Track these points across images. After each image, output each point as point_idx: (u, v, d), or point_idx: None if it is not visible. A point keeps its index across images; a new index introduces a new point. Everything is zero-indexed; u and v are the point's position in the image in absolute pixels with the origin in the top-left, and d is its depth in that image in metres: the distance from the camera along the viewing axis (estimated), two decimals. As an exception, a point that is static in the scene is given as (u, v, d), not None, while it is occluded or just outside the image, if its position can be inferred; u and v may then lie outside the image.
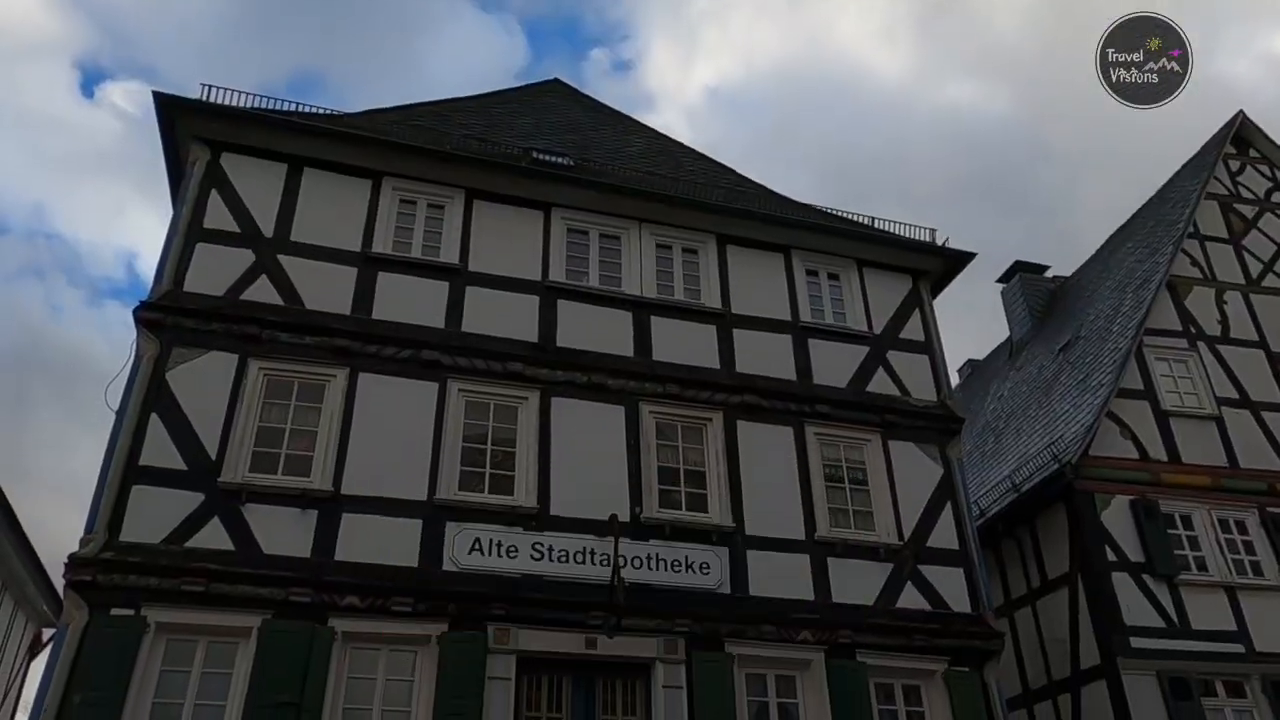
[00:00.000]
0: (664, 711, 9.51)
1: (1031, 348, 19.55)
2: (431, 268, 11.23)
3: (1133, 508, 13.32)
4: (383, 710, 8.92)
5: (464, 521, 9.86)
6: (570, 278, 11.77)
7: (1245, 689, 12.56)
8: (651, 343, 11.62)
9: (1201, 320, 15.53)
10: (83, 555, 8.64)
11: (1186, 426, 14.36)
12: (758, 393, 11.60)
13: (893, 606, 10.81)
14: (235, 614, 8.81)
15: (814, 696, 10.09)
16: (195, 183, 10.83)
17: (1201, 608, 12.86)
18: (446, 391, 10.50)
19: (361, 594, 9.16)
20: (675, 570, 10.25)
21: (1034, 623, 13.97)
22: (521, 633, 9.46)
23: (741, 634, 10.09)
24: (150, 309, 9.95)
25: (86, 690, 8.13)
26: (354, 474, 9.77)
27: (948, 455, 12.10)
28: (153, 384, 9.63)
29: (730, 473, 11.03)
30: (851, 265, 13.19)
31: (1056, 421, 15.30)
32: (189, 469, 9.35)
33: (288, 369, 10.15)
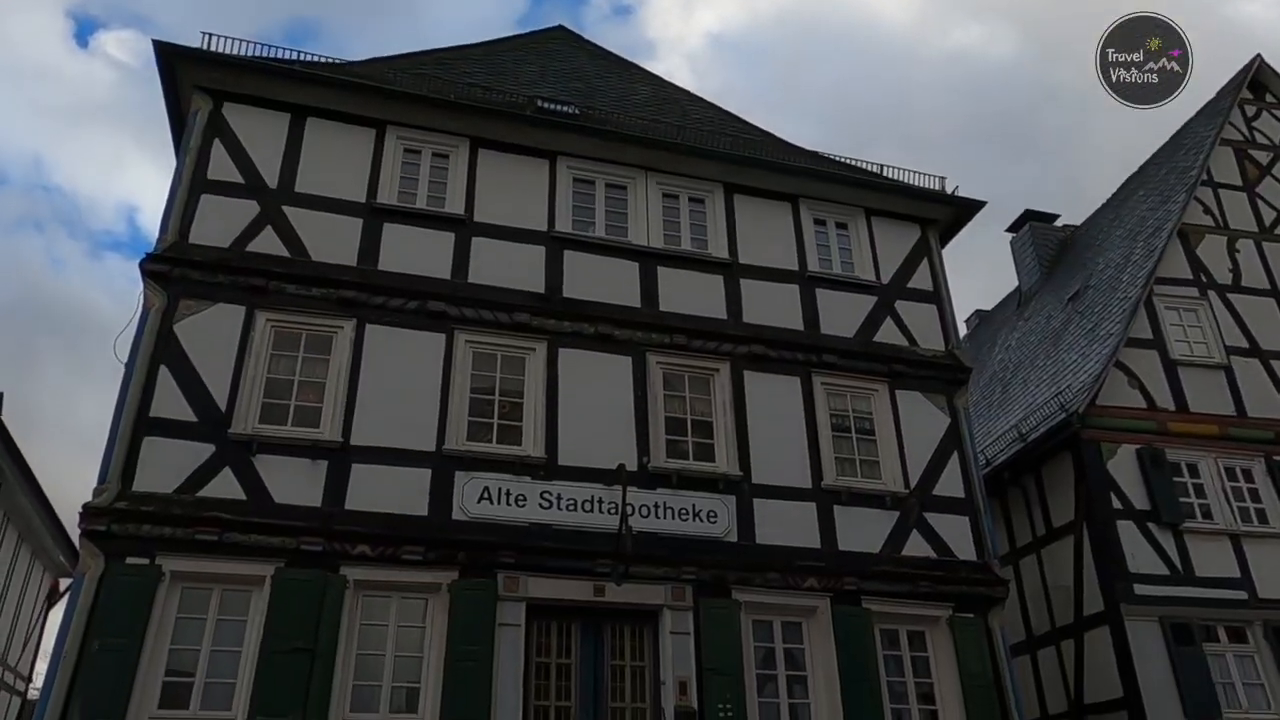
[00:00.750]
0: (671, 657, 9.65)
1: (1040, 298, 19.45)
2: (437, 218, 11.18)
3: (1139, 457, 13.35)
4: (395, 656, 9.08)
5: (472, 471, 9.93)
6: (576, 228, 11.70)
7: (1247, 635, 12.69)
8: (658, 293, 11.59)
9: (1213, 269, 15.40)
10: (97, 505, 8.75)
11: (1195, 375, 14.33)
12: (765, 343, 11.58)
13: (898, 554, 10.91)
14: (248, 563, 8.93)
15: (819, 642, 10.23)
16: (198, 133, 10.75)
17: (1205, 555, 12.95)
18: (453, 343, 10.51)
19: (372, 543, 9.27)
20: (682, 518, 10.33)
21: (1038, 570, 14.10)
22: (531, 580, 9.59)
23: (748, 581, 10.20)
24: (156, 261, 9.94)
25: (104, 637, 8.29)
26: (363, 425, 9.83)
27: (955, 405, 12.10)
28: (161, 336, 9.66)
29: (737, 422, 11.06)
30: (860, 214, 13.08)
31: (1064, 371, 15.27)
32: (199, 420, 9.41)
33: (295, 321, 10.16)
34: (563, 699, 9.49)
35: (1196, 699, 11.89)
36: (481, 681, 8.95)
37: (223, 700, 8.47)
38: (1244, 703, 12.21)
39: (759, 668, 10.02)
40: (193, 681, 8.50)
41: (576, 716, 9.39)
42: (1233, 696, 12.22)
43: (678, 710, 9.36)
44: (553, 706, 9.44)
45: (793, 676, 10.13)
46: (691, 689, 9.52)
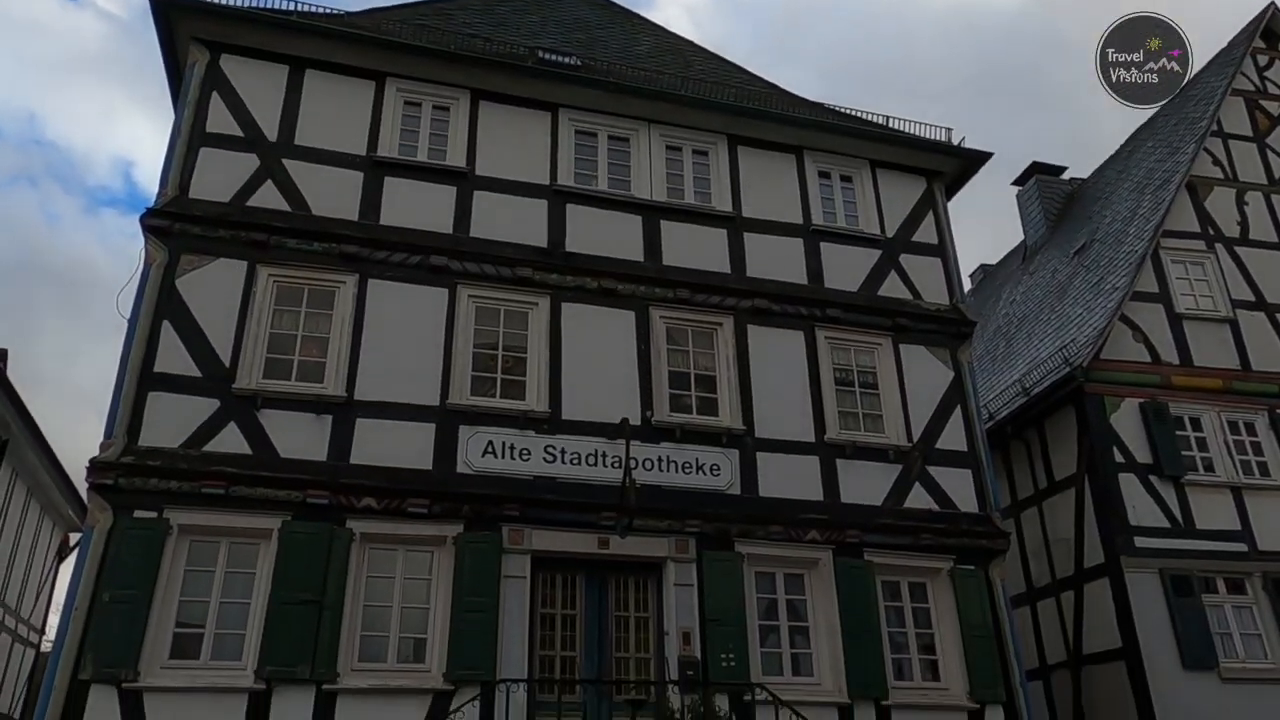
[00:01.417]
0: (674, 608, 9.76)
1: (1046, 252, 19.34)
2: (438, 172, 11.08)
3: (1142, 410, 13.36)
4: (402, 608, 9.19)
5: (476, 425, 9.96)
6: (579, 181, 11.61)
7: (1246, 586, 12.80)
8: (661, 247, 11.52)
9: (1220, 221, 15.28)
10: (104, 459, 8.80)
11: (1200, 329, 14.29)
12: (768, 297, 11.54)
13: (900, 507, 10.97)
14: (255, 516, 9.00)
15: (822, 594, 10.33)
16: (195, 85, 10.64)
17: (1206, 508, 13.02)
18: (456, 297, 10.49)
19: (378, 496, 9.33)
20: (686, 472, 10.38)
21: (1039, 523, 14.18)
22: (535, 533, 9.66)
23: (751, 533, 10.28)
24: (156, 215, 9.90)
25: (114, 589, 8.39)
26: (366, 380, 9.84)
27: (958, 359, 12.09)
28: (163, 292, 9.65)
29: (741, 377, 11.07)
30: (865, 166, 12.96)
31: (1069, 325, 15.23)
32: (203, 375, 9.43)
33: (297, 275, 10.13)
34: (567, 649, 9.62)
35: (1194, 649, 12.03)
36: (487, 632, 9.06)
37: (232, 651, 8.59)
38: (1241, 652, 12.35)
39: (761, 619, 10.13)
40: (203, 633, 8.61)
41: (581, 666, 9.52)
42: (1230, 647, 12.35)
43: (681, 660, 9.49)
44: (558, 657, 9.57)
45: (795, 627, 10.25)
46: (694, 639, 9.63)
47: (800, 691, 9.51)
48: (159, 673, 8.30)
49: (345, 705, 8.55)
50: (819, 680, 9.96)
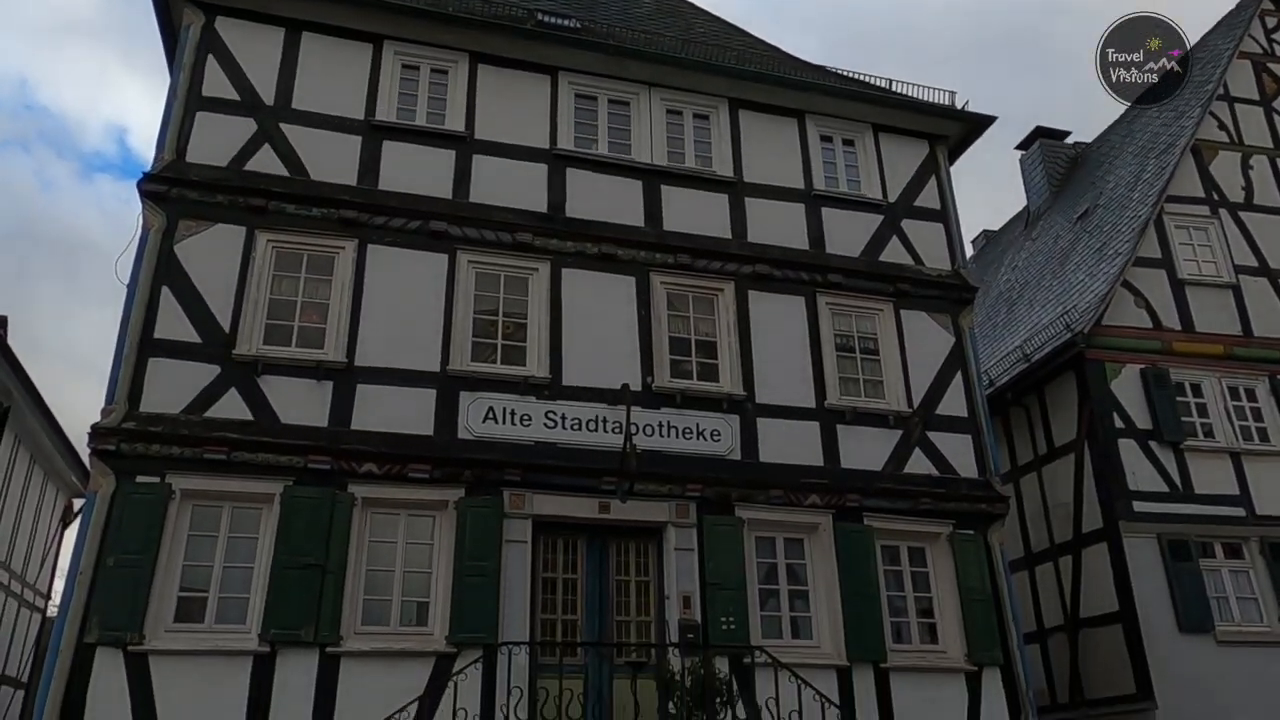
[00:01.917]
0: (675, 572, 9.82)
1: (1049, 217, 19.24)
2: (437, 136, 10.99)
3: (1143, 376, 13.37)
4: (404, 572, 9.25)
5: (477, 391, 9.97)
6: (579, 145, 11.51)
7: (1244, 550, 12.89)
8: (662, 212, 11.46)
9: (1225, 186, 15.19)
10: (105, 425, 8.82)
11: (1202, 295, 14.26)
12: (769, 263, 11.49)
13: (900, 472, 11.00)
14: (257, 481, 9.04)
15: (821, 558, 10.39)
16: (190, 49, 10.52)
17: (1205, 473, 13.07)
18: (456, 263, 10.44)
19: (379, 461, 9.36)
20: (686, 437, 10.40)
21: (1039, 488, 14.24)
22: (536, 498, 9.70)
23: (751, 498, 10.32)
24: (153, 180, 9.83)
25: (118, 553, 8.44)
26: (367, 345, 9.83)
27: (959, 325, 12.06)
28: (161, 257, 9.61)
29: (741, 342, 11.05)
30: (867, 130, 12.85)
31: (1071, 291, 15.19)
32: (203, 341, 9.42)
33: (296, 241, 10.09)
34: (569, 613, 9.69)
35: (1190, 612, 12.13)
36: (489, 596, 9.12)
37: (236, 615, 8.66)
38: (1237, 616, 12.47)
39: (761, 583, 10.19)
40: (206, 597, 8.68)
41: (583, 630, 9.60)
42: (1226, 610, 12.47)
43: (681, 624, 9.57)
44: (559, 620, 9.64)
45: (794, 591, 10.32)
46: (695, 603, 9.70)
47: (799, 654, 9.59)
48: (163, 636, 8.37)
49: (349, 667, 8.63)
50: (818, 643, 10.05)
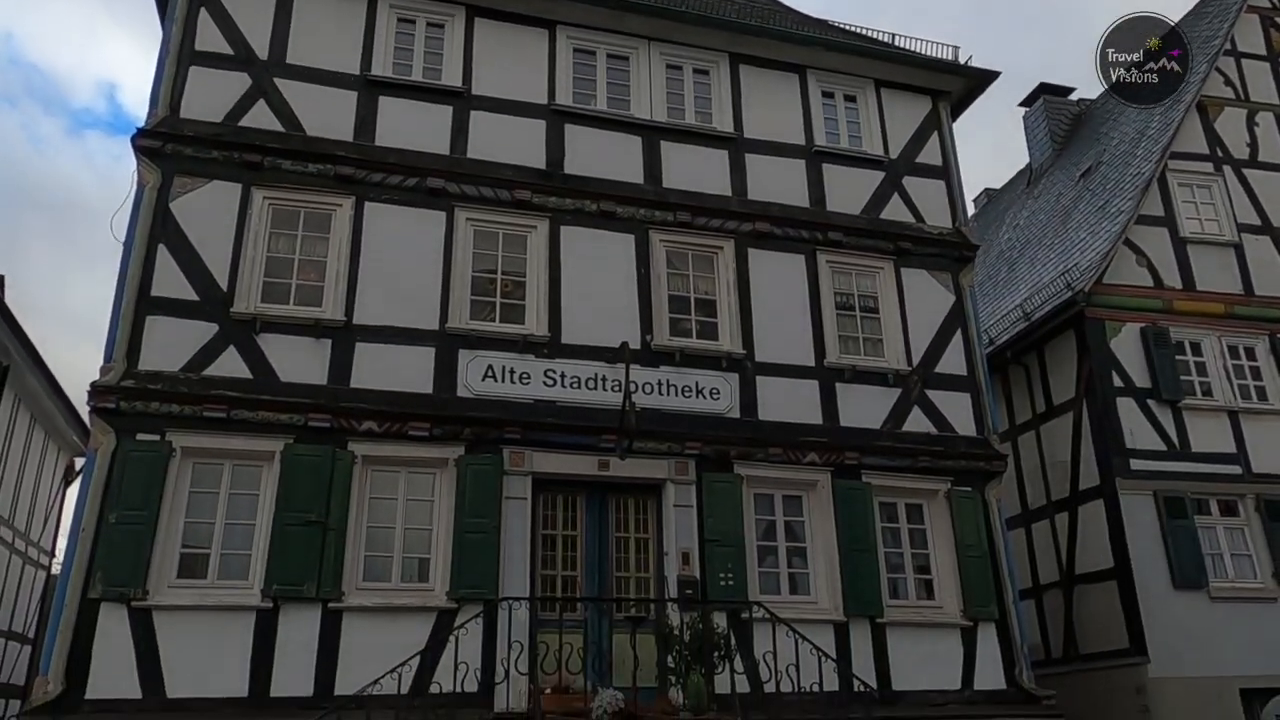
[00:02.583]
0: (674, 529, 9.88)
1: (1051, 174, 19.10)
2: (434, 91, 10.86)
3: (1143, 335, 13.36)
4: (405, 529, 9.30)
5: (476, 349, 9.96)
6: (578, 101, 11.38)
7: (1239, 508, 12.96)
8: (661, 169, 11.36)
9: (1229, 143, 15.05)
10: (105, 383, 8.82)
11: (1204, 253, 14.20)
12: (770, 220, 11.42)
13: (899, 429, 11.03)
14: (257, 439, 9.06)
15: (819, 515, 10.45)
16: (183, 1, 10.34)
17: (1203, 431, 13.12)
18: (454, 220, 10.38)
19: (379, 419, 9.37)
20: (686, 395, 10.41)
21: (1037, 447, 14.28)
22: (536, 455, 9.73)
23: (750, 456, 10.36)
24: (147, 136, 9.73)
25: (120, 510, 8.49)
26: (365, 304, 9.80)
27: (960, 283, 12.02)
28: (157, 214, 9.55)
29: (741, 301, 11.02)
30: (869, 86, 12.70)
31: (1072, 250, 15.11)
32: (201, 299, 9.39)
33: (292, 198, 10.02)
34: (569, 569, 9.78)
35: (1184, 569, 12.23)
36: (489, 553, 9.19)
37: (239, 571, 8.73)
38: (1230, 572, 12.59)
39: (760, 539, 10.27)
40: (209, 553, 8.74)
41: (582, 585, 9.68)
42: (1220, 567, 12.58)
43: (680, 580, 9.65)
44: (559, 576, 9.73)
45: (793, 548, 10.39)
46: (694, 559, 9.78)
47: (797, 610, 9.68)
48: (167, 592, 8.44)
49: (351, 623, 8.72)
50: (816, 599, 10.15)
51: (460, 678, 7.92)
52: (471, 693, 8.24)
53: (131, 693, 8.08)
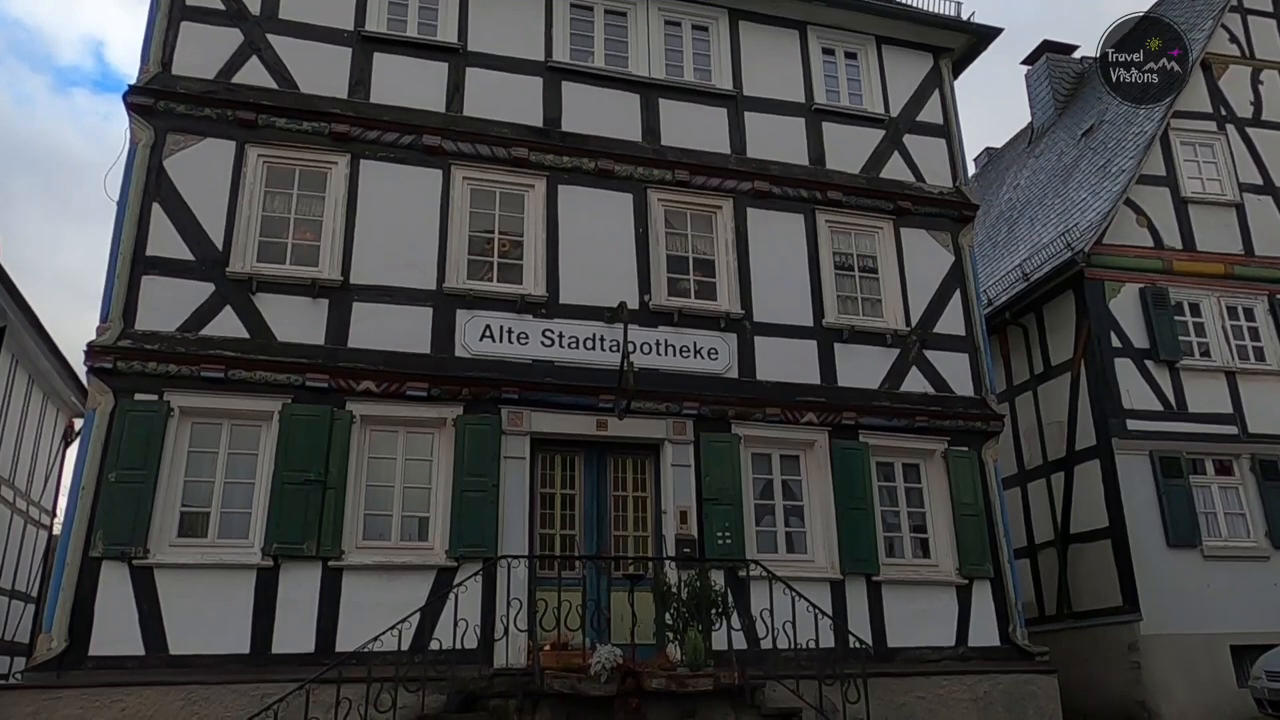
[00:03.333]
0: (672, 488, 9.93)
1: (1053, 134, 18.93)
2: (429, 48, 10.71)
3: (1142, 296, 13.34)
4: (404, 488, 9.34)
5: (474, 309, 9.93)
6: (574, 58, 11.23)
7: (1234, 467, 13.04)
8: (660, 127, 11.24)
9: (1233, 101, 14.92)
10: (101, 343, 8.80)
11: (1205, 213, 14.14)
12: (769, 179, 11.33)
13: (897, 390, 11.04)
14: (255, 398, 9.06)
15: (817, 474, 10.50)
16: (172, -46, 10.15)
17: (1200, 391, 13.15)
18: (450, 179, 10.29)
19: (377, 379, 9.36)
20: (684, 356, 10.40)
21: (1034, 407, 14.32)
22: (534, 415, 9.75)
23: (748, 415, 10.37)
24: (139, 93, 9.60)
25: (119, 469, 8.50)
26: (362, 263, 9.75)
27: (959, 243, 11.97)
28: (151, 173, 9.45)
29: (740, 260, 10.97)
30: (870, 43, 12.54)
31: (1072, 210, 15.03)
32: (197, 259, 9.33)
33: (287, 156, 9.91)
34: (567, 527, 9.84)
35: (1178, 527, 12.34)
36: (488, 511, 9.24)
37: (239, 529, 8.78)
38: (1224, 531, 12.70)
39: (757, 499, 10.33)
40: (209, 512, 8.78)
41: (581, 544, 9.75)
42: (1214, 526, 12.68)
43: (678, 538, 9.72)
44: (558, 535, 9.80)
45: (790, 507, 10.45)
46: (692, 518, 9.84)
47: (794, 568, 9.77)
48: (168, 550, 8.49)
49: (351, 580, 8.79)
50: (812, 557, 10.23)
51: (460, 634, 8.00)
52: (471, 649, 8.36)
53: (135, 649, 8.16)
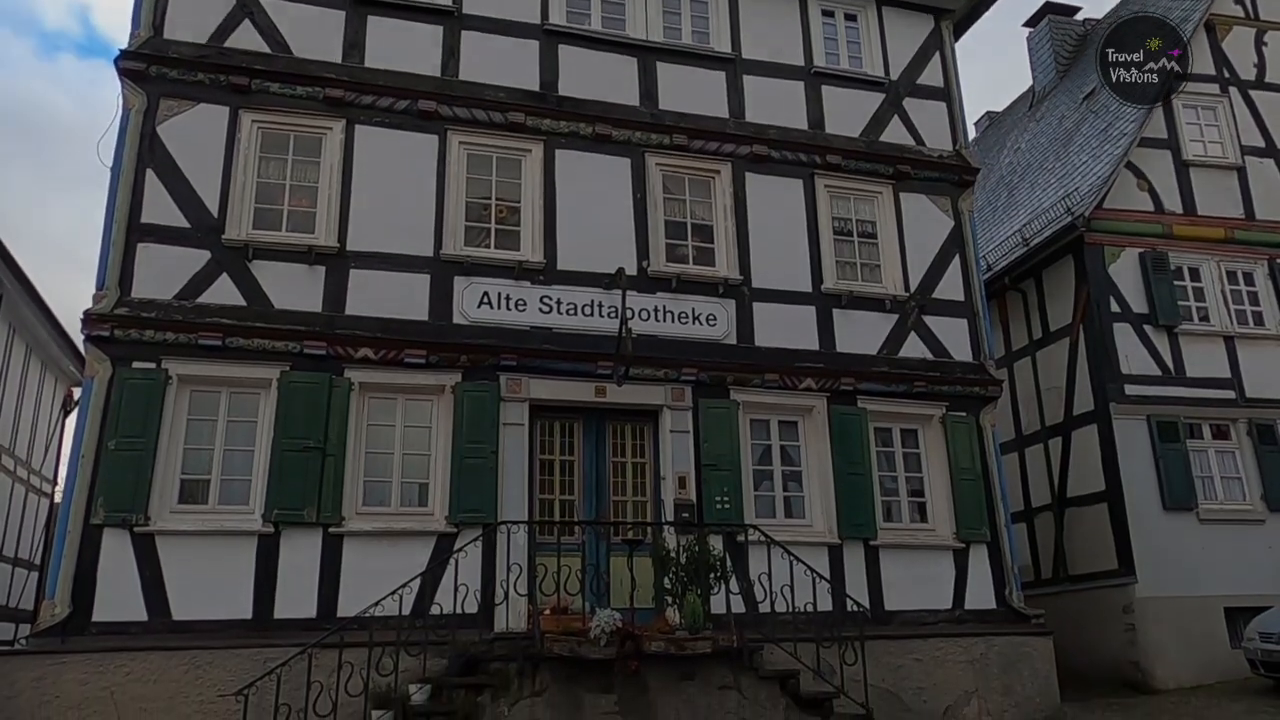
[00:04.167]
0: (671, 454, 9.96)
1: (1054, 97, 18.77)
2: (424, 10, 10.57)
3: (1141, 260, 13.31)
4: (403, 455, 9.36)
5: (472, 276, 9.89)
6: (571, 20, 11.09)
7: (1231, 432, 13.10)
8: (657, 90, 11.13)
9: (1237, 63, 14.80)
10: (98, 311, 8.77)
11: (1206, 177, 14.07)
12: (767, 143, 11.24)
13: (895, 355, 11.04)
14: (253, 366, 9.05)
15: (815, 439, 10.53)
16: (161, -85, 9.98)
17: (1198, 356, 13.17)
18: (447, 144, 10.20)
19: (374, 346, 9.35)
20: (682, 322, 10.38)
21: (1032, 372, 14.34)
22: (533, 382, 9.75)
23: (747, 382, 10.38)
24: (131, 58, 9.49)
25: (119, 437, 8.52)
26: (358, 230, 9.69)
27: (959, 208, 11.90)
28: (144, 139, 9.37)
29: (738, 226, 10.91)
30: (870, 4, 12.39)
31: (1073, 174, 14.94)
32: (192, 226, 9.27)
33: (282, 121, 9.82)
34: (566, 493, 9.88)
35: (1175, 491, 12.41)
36: (488, 478, 9.27)
37: (240, 496, 8.81)
38: (1220, 494, 12.78)
39: (756, 464, 10.36)
40: (209, 479, 8.80)
41: (580, 509, 9.79)
42: (1210, 489, 12.76)
43: (677, 503, 9.76)
44: (557, 500, 9.84)
45: (788, 472, 10.49)
46: (690, 484, 9.88)
47: (792, 533, 9.82)
48: (169, 517, 8.53)
49: (352, 546, 8.83)
50: (810, 522, 10.28)
51: (460, 599, 8.06)
52: (471, 614, 8.41)
53: (138, 615, 8.21)
